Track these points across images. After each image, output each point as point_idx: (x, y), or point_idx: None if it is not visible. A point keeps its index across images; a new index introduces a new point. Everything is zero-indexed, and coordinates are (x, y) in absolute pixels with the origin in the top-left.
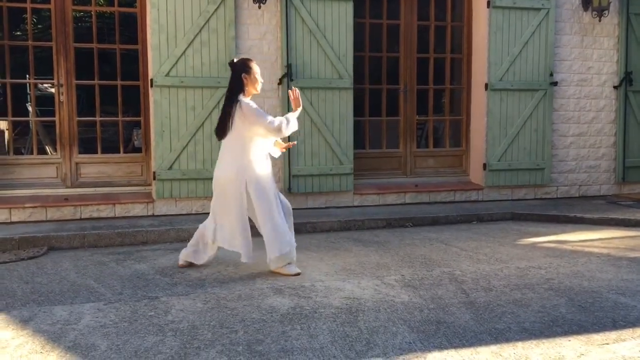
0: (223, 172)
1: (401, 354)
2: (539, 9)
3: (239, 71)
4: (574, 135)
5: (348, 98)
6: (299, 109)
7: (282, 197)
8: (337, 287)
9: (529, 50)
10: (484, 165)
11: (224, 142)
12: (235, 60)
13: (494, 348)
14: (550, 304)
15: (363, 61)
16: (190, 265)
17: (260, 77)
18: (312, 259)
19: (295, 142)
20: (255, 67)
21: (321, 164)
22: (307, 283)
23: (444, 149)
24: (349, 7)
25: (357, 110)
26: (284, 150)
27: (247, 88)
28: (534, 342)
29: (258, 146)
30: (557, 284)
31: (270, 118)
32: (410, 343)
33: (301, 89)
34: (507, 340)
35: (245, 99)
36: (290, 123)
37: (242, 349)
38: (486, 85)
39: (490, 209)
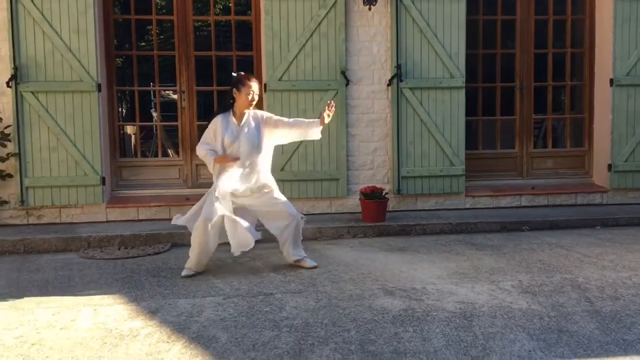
0: None
1: None
2: None
3: (232, 85)
4: None
5: (460, 97)
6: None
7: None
8: (450, 291)
9: None
10: (609, 166)
11: None
12: (234, 74)
13: None
14: None
15: (476, 59)
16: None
17: (251, 97)
18: (422, 262)
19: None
20: (249, 86)
21: (431, 165)
22: (419, 285)
23: (563, 149)
24: (461, 5)
25: (470, 109)
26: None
27: (234, 102)
28: None
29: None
30: None
31: (202, 141)
32: (530, 351)
33: (411, 89)
34: (638, 352)
35: (218, 116)
36: (206, 157)
37: (354, 348)
38: (611, 80)
39: (616, 213)
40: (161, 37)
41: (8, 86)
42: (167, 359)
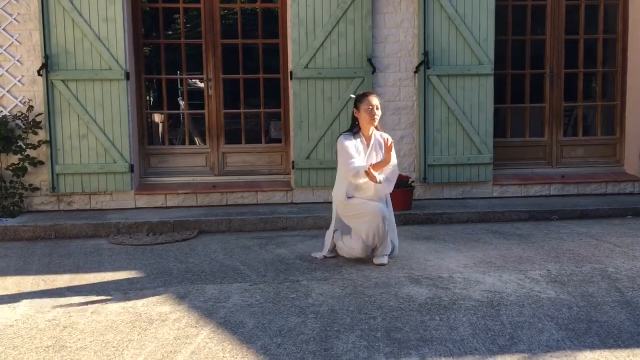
0: None
1: (548, 351)
2: None
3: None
4: None
5: (488, 85)
6: (383, 166)
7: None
8: (477, 280)
9: None
10: None
11: None
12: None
13: None
14: None
15: (505, 46)
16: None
17: (370, 111)
18: (449, 250)
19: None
20: (367, 101)
21: (458, 153)
22: (445, 274)
23: (594, 137)
24: None
25: (498, 97)
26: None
27: (359, 123)
28: None
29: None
30: None
31: (350, 157)
32: (559, 341)
33: (438, 76)
34: None
35: (342, 137)
36: (358, 173)
37: (380, 335)
38: None
39: None
40: (188, 25)
41: (39, 75)
42: (195, 344)
